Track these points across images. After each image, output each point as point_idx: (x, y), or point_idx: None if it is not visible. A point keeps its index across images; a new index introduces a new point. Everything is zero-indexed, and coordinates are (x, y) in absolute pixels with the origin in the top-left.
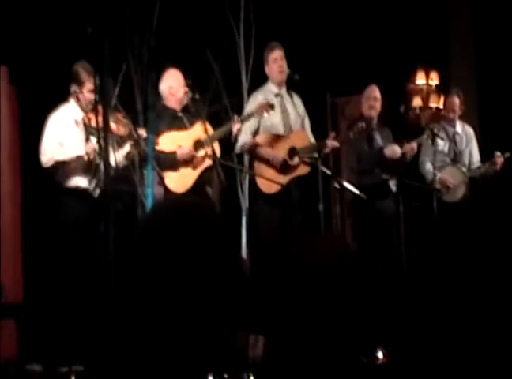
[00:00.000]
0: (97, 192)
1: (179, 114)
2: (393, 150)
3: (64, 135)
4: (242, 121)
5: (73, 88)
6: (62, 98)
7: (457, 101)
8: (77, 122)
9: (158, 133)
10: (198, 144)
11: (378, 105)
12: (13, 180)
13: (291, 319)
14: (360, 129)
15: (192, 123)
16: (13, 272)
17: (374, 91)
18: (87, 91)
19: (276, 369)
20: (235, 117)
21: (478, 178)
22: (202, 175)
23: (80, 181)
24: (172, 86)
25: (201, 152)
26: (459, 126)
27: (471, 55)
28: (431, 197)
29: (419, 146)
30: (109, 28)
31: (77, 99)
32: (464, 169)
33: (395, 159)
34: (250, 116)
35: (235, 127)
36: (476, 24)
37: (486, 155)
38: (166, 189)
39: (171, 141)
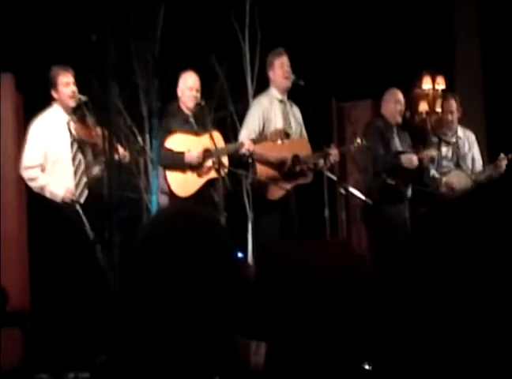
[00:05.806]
0: (82, 198)
1: (191, 120)
2: (410, 159)
3: (48, 140)
4: (254, 143)
5: (52, 91)
6: None
7: (453, 103)
8: (61, 126)
9: (170, 132)
10: (207, 154)
11: (403, 109)
12: (18, 187)
13: (294, 325)
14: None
15: (203, 130)
16: (20, 280)
17: (401, 95)
18: (62, 87)
19: (278, 375)
20: (250, 140)
21: (484, 181)
22: (208, 183)
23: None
24: (192, 87)
25: (209, 162)
26: (460, 131)
27: (477, 59)
28: (436, 201)
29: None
30: (114, 34)
31: (58, 101)
32: (468, 172)
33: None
34: (263, 139)
35: (250, 147)
36: (483, 28)
37: (493, 159)
38: (171, 192)
39: (182, 143)
